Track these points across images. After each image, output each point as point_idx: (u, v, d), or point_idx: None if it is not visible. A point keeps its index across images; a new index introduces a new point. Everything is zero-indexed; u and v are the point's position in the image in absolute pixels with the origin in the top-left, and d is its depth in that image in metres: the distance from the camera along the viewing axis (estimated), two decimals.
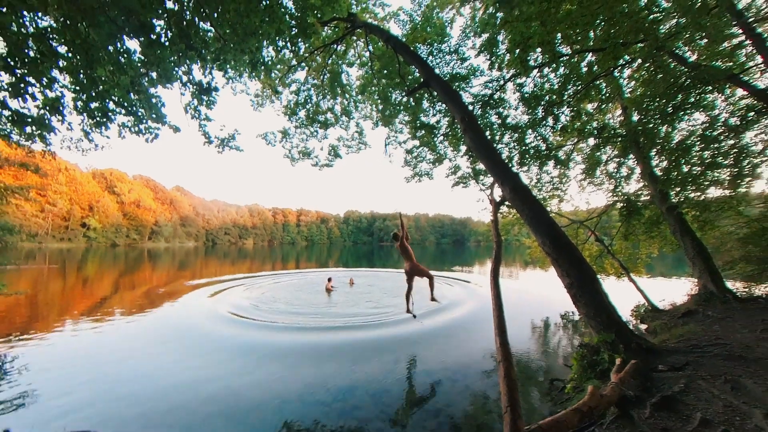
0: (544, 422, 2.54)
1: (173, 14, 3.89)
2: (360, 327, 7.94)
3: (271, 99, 10.60)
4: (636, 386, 3.45)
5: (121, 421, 3.90)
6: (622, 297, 9.82)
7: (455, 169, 10.35)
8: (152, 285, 14.92)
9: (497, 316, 3.64)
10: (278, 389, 4.69)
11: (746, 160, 7.26)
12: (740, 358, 3.99)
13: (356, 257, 42.68)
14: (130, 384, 4.86)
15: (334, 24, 8.76)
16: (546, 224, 5.18)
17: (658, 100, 6.85)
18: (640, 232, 10.10)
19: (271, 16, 4.20)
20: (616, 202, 10.05)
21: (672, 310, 7.91)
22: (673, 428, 2.71)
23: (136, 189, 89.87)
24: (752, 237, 8.09)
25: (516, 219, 11.28)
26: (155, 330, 7.61)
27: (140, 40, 3.62)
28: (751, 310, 6.46)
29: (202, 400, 4.39)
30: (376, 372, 5.24)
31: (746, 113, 6.98)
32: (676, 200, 8.04)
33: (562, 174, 10.44)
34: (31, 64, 3.19)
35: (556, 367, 5.53)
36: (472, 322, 8.35)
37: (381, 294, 12.75)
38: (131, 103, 4.16)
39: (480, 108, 8.91)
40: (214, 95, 4.71)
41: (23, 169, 9.71)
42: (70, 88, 3.71)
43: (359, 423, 3.85)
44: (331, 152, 11.33)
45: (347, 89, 10.91)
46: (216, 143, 5.49)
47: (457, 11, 9.40)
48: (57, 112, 3.65)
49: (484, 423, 3.86)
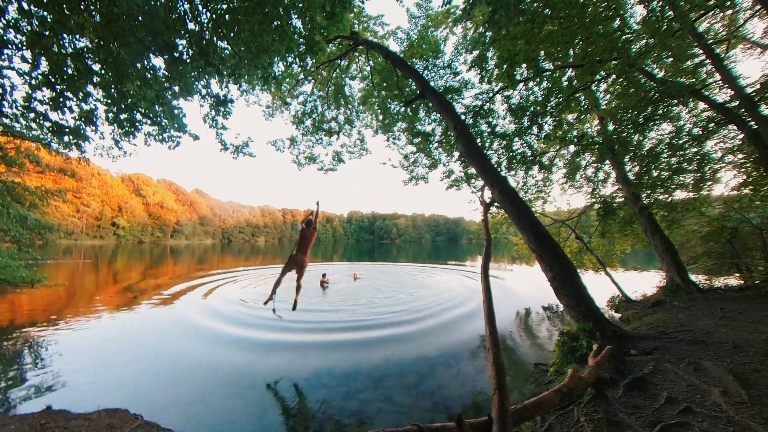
0: (529, 402, 2.56)
1: (194, 34, 3.91)
2: (361, 320, 7.92)
3: (281, 109, 10.60)
4: (611, 369, 3.49)
5: (148, 399, 3.93)
6: (599, 289, 9.83)
7: (449, 173, 10.35)
8: (175, 277, 14.92)
9: (487, 306, 3.65)
10: (288, 374, 4.71)
11: (707, 166, 7.34)
12: (702, 342, 4.03)
13: (359, 253, 42.66)
14: (154, 366, 4.89)
15: (338, 41, 8.77)
16: (531, 223, 5.20)
17: (630, 112, 6.90)
18: (616, 230, 10.14)
19: (282, 35, 4.21)
20: (594, 203, 10.10)
21: (643, 301, 7.93)
22: (643, 406, 2.74)
23: (160, 191, 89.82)
24: (713, 235, 8.15)
25: (504, 219, 11.28)
26: (176, 318, 7.62)
27: (164, 57, 3.64)
28: (711, 300, 6.49)
29: (219, 382, 4.41)
30: (376, 359, 5.24)
31: (707, 124, 7.07)
32: (647, 202, 8.07)
33: (546, 178, 10.48)
34: (69, 80, 3.22)
35: (539, 352, 5.55)
36: (463, 312, 8.36)
37: (381, 288, 12.71)
38: (156, 114, 4.18)
39: (471, 117, 8.91)
40: (229, 106, 4.72)
41: (61, 174, 9.70)
42: (103, 101, 3.73)
43: (361, 404, 3.87)
44: (335, 158, 11.33)
45: (350, 100, 10.92)
46: (231, 150, 5.49)
47: (450, 30, 9.40)
48: (91, 122, 3.68)
49: (474, 403, 3.89)
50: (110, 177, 77.46)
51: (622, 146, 7.85)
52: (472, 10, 5.54)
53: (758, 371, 3.12)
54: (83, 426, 3.26)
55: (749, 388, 2.79)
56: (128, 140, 4.18)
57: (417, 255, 37.91)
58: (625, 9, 6.24)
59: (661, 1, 5.21)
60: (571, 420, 2.69)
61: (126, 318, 7.65)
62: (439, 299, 9.81)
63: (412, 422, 2.17)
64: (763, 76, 6.10)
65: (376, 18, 9.42)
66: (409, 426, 2.12)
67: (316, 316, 7.88)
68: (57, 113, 3.34)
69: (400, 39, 9.57)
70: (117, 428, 3.26)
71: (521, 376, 4.63)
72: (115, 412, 3.60)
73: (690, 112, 7.58)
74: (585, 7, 5.03)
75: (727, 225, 7.89)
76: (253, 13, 3.78)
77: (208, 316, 7.73)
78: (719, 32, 7.18)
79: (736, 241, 7.68)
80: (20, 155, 8.03)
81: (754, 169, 6.95)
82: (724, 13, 7.13)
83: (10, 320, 7.22)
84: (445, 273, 17.15)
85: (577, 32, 5.06)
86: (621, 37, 5.27)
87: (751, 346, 3.75)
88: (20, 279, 7.73)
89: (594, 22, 4.97)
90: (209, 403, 3.89)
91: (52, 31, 2.98)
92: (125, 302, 9.39)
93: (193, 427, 3.43)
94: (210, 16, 3.93)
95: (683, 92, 6.05)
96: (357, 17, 9.20)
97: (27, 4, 2.90)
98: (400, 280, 14.52)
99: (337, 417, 3.62)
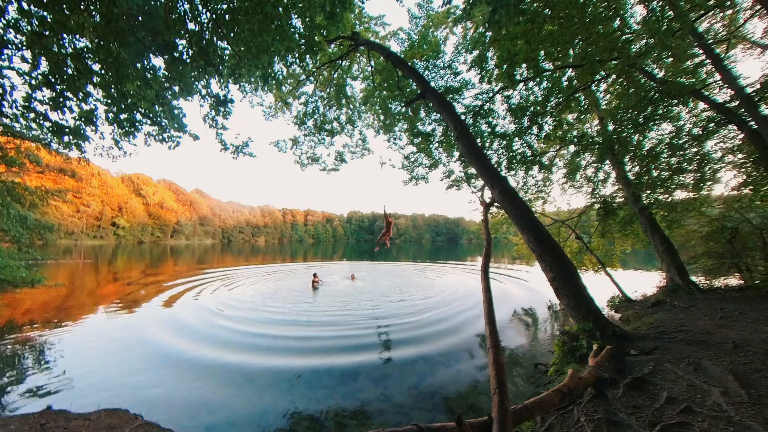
0: (529, 402, 2.56)
1: (194, 34, 3.90)
2: (361, 319, 7.94)
3: (282, 110, 10.58)
4: (611, 369, 3.48)
5: (148, 399, 3.93)
6: (599, 289, 9.84)
7: (449, 173, 10.34)
8: (174, 277, 14.91)
9: (487, 306, 3.65)
10: (287, 374, 4.71)
11: (707, 165, 7.34)
12: (702, 342, 4.02)
13: (359, 253, 42.66)
14: (154, 366, 4.89)
15: (339, 42, 8.76)
16: (531, 223, 5.19)
17: (630, 112, 6.89)
18: (616, 230, 10.13)
19: (282, 35, 4.20)
20: (594, 203, 10.08)
21: (643, 301, 7.93)
22: (643, 406, 2.74)
23: (160, 191, 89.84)
24: (713, 235, 8.13)
25: (504, 219, 11.27)
26: (177, 318, 7.62)
27: (164, 57, 3.64)
28: (711, 300, 6.49)
29: (220, 382, 4.41)
30: (377, 360, 5.25)
31: (707, 124, 7.06)
32: (647, 202, 8.06)
33: (546, 178, 10.46)
34: (69, 80, 3.22)
35: (539, 352, 5.55)
36: (463, 312, 8.36)
37: (379, 289, 12.70)
38: (156, 115, 4.18)
39: (471, 117, 8.91)
40: (229, 107, 4.72)
41: (61, 174, 9.70)
42: (103, 101, 3.72)
43: (361, 404, 3.87)
44: (337, 158, 11.32)
45: (351, 100, 10.90)
46: (231, 150, 5.47)
47: (451, 30, 9.39)
48: (91, 123, 3.67)
49: (474, 403, 3.89)
50: (110, 177, 77.53)
51: (622, 146, 7.84)
52: (472, 10, 5.53)
53: (758, 371, 3.12)
54: (83, 426, 3.25)
55: (749, 388, 2.79)
56: (128, 140, 4.17)
57: (417, 255, 37.92)
58: (625, 9, 6.22)
59: (661, 1, 5.21)
60: (571, 420, 2.69)
61: (126, 318, 7.65)
62: (440, 299, 9.81)
63: (412, 422, 2.17)
64: (763, 76, 6.09)
65: (377, 18, 9.41)
66: (409, 426, 2.11)
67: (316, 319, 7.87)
68: (57, 113, 3.34)
69: (401, 39, 9.56)
70: (117, 428, 3.25)
71: (521, 376, 4.63)
72: (115, 412, 3.60)
73: (690, 112, 7.57)
74: (585, 7, 5.03)
75: (727, 225, 7.88)
76: (253, 13, 3.77)
77: (209, 316, 7.73)
78: (719, 32, 7.18)
79: (736, 241, 7.67)
80: (20, 155, 8.04)
81: (754, 169, 6.95)
82: (724, 13, 7.13)
83: (10, 320, 7.22)
84: (446, 272, 17.15)
85: (577, 32, 5.06)
86: (621, 37, 5.27)
87: (751, 346, 3.75)
88: (20, 279, 7.73)
89: (594, 22, 4.96)
90: (209, 403, 3.88)
91: (52, 31, 2.97)
92: (125, 302, 9.38)
93: (193, 427, 3.43)
94: (210, 16, 3.93)
95: (683, 92, 6.04)
96: (358, 17, 9.19)
97: (27, 4, 2.90)
98: (402, 281, 14.36)
99: (337, 417, 3.61)
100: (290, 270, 18.51)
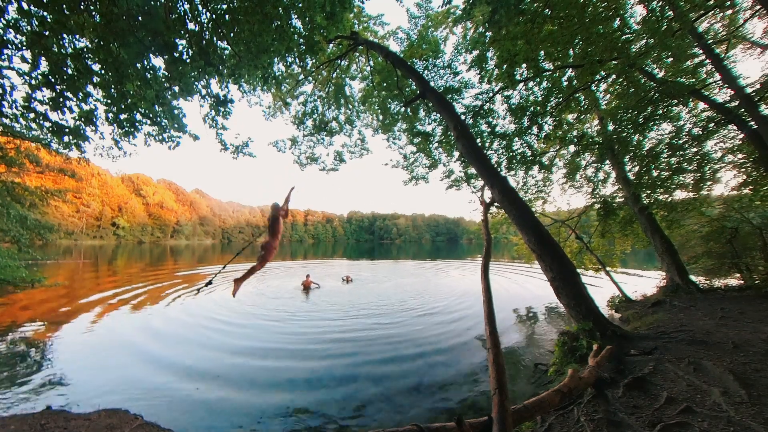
0: (529, 402, 2.56)
1: (194, 34, 3.91)
2: (360, 319, 7.94)
3: (282, 110, 10.58)
4: (611, 369, 3.48)
5: (148, 399, 3.93)
6: (599, 289, 9.87)
7: (449, 173, 10.34)
8: (174, 277, 14.90)
9: (487, 306, 3.65)
10: (287, 374, 4.71)
11: (707, 165, 7.34)
12: (702, 342, 4.02)
13: (359, 253, 42.66)
14: (154, 366, 4.88)
15: (338, 41, 8.75)
16: (531, 223, 5.19)
17: (630, 112, 6.89)
18: (616, 230, 10.14)
19: (282, 35, 4.21)
20: (594, 203, 10.09)
21: (643, 301, 7.93)
22: (643, 406, 2.74)
23: (160, 192, 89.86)
24: (713, 235, 8.14)
25: (504, 219, 11.27)
26: (176, 318, 7.62)
27: (164, 57, 3.64)
28: (711, 300, 6.49)
29: (220, 382, 4.41)
30: (376, 359, 5.24)
31: (707, 124, 7.06)
32: (647, 202, 8.07)
33: (546, 178, 10.46)
34: (69, 80, 3.22)
35: (539, 352, 5.55)
36: (463, 312, 8.36)
37: (379, 289, 12.69)
38: (156, 115, 4.18)
39: (471, 117, 8.91)
40: (229, 107, 4.72)
41: (61, 174, 9.70)
42: (103, 101, 3.73)
43: (361, 403, 3.88)
44: (336, 158, 11.32)
45: (350, 100, 10.90)
46: (231, 150, 5.48)
47: (450, 30, 9.39)
48: (91, 123, 3.67)
49: (474, 403, 3.88)
50: (110, 177, 77.56)
51: (622, 146, 7.84)
52: (472, 10, 5.53)
53: (758, 371, 3.12)
54: (83, 426, 3.25)
55: (749, 388, 2.79)
56: (128, 140, 4.17)
57: (417, 254, 37.91)
58: (625, 9, 6.23)
59: (661, 1, 5.21)
60: (571, 420, 2.69)
61: (126, 318, 7.64)
62: (440, 299, 9.80)
63: (412, 422, 2.17)
64: (763, 76, 6.09)
65: (376, 18, 9.41)
66: (409, 426, 2.11)
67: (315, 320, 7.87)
68: (57, 113, 3.34)
69: (400, 39, 9.57)
70: (117, 428, 3.25)
71: (521, 376, 4.63)
72: (115, 412, 3.60)
73: (690, 112, 7.57)
74: (585, 7, 5.02)
75: (727, 225, 7.88)
76: (253, 13, 3.78)
77: (208, 316, 7.72)
78: (719, 32, 7.19)
79: (736, 241, 7.67)
80: (20, 155, 8.04)
81: (754, 169, 6.95)
82: (724, 13, 7.13)
83: (10, 320, 7.21)
84: (446, 271, 17.15)
85: (577, 32, 5.06)
86: (621, 37, 5.26)
87: (751, 346, 3.75)
88: (20, 279, 7.74)
89: (594, 22, 4.96)
90: (209, 403, 3.88)
91: (52, 31, 2.97)
92: (122, 301, 9.37)
93: (193, 427, 3.43)
94: (210, 16, 3.93)
95: (683, 92, 6.05)
96: (357, 17, 9.19)
97: (27, 4, 2.90)
98: (402, 281, 14.31)
99: (337, 417, 3.61)
100: (288, 269, 18.53)
